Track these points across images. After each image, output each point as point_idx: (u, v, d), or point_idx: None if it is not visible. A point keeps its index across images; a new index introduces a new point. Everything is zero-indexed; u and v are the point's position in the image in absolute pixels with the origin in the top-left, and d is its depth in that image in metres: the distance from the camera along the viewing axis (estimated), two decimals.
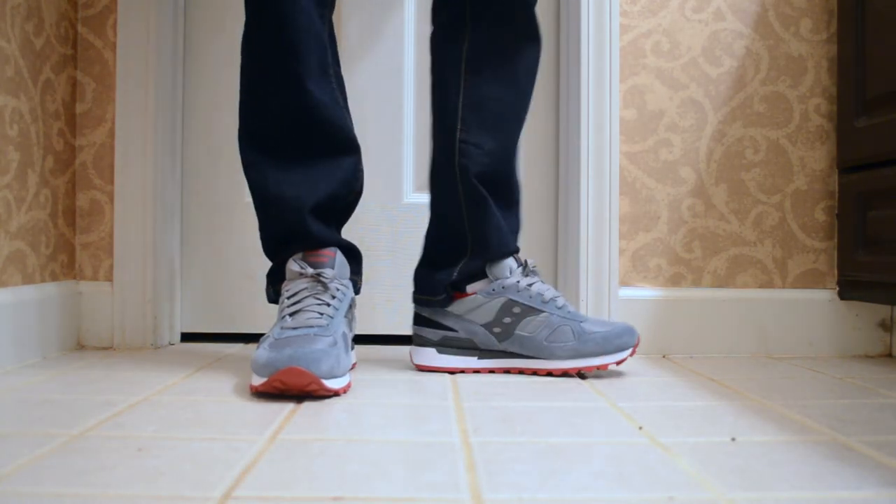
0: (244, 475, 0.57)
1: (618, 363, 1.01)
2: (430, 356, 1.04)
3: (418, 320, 1.06)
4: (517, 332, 1.02)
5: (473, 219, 1.03)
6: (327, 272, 0.95)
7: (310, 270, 0.95)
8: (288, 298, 0.94)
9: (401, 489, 0.55)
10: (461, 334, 1.03)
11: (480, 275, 1.05)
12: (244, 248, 1.31)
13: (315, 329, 0.88)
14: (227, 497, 0.53)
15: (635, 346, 1.01)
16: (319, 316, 0.91)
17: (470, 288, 1.05)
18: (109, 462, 0.60)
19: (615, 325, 1.02)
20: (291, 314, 0.91)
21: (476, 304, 1.03)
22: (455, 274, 1.04)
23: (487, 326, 1.03)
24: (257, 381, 0.83)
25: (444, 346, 1.04)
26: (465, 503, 0.53)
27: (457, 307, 1.04)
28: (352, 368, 1.01)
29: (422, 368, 1.05)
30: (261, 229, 1.01)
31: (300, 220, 0.96)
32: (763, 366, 1.12)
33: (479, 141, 1.02)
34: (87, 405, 0.79)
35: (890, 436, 0.71)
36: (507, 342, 1.02)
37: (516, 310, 1.02)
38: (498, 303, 1.03)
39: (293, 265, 0.96)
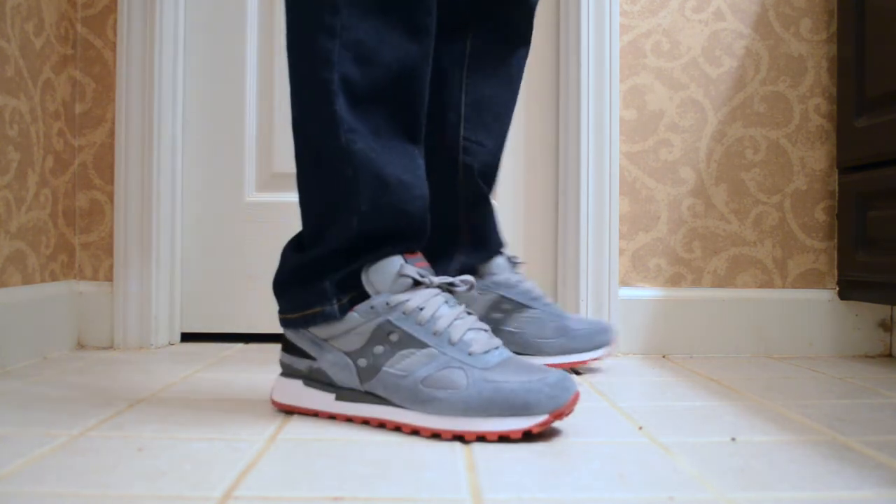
0: (244, 475, 0.57)
1: (597, 359, 1.03)
2: None
3: None
4: (504, 327, 1.03)
5: (474, 216, 1.04)
6: (436, 280, 0.75)
7: (435, 280, 0.75)
8: (433, 313, 0.72)
9: (401, 489, 0.55)
10: None
11: (469, 270, 1.05)
12: (244, 248, 1.31)
13: (503, 348, 0.74)
14: (227, 497, 0.53)
15: (612, 344, 1.04)
16: (487, 330, 0.74)
17: None
18: (109, 462, 0.60)
19: (595, 322, 1.05)
20: (462, 334, 0.72)
21: (463, 301, 1.03)
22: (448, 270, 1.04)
23: None
24: (532, 420, 0.66)
25: None
26: (465, 503, 0.53)
27: None
28: None
29: None
30: (356, 212, 0.73)
31: (423, 211, 0.76)
32: (763, 366, 1.12)
33: (480, 139, 1.03)
34: (87, 405, 0.79)
35: (890, 436, 0.71)
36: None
37: (506, 306, 1.02)
38: (488, 299, 1.03)
39: (408, 269, 0.73)
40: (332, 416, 0.75)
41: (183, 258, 1.31)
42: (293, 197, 1.30)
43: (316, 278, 0.75)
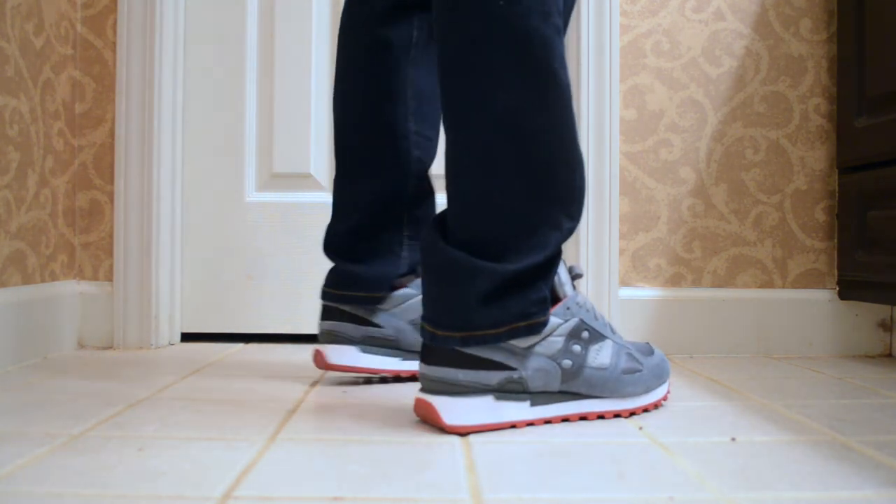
0: (244, 475, 0.57)
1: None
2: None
3: None
4: None
5: (419, 212, 1.00)
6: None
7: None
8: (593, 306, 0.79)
9: (401, 489, 0.55)
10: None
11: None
12: (244, 248, 1.31)
13: None
14: (227, 497, 0.53)
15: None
16: None
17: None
18: (109, 462, 0.60)
19: None
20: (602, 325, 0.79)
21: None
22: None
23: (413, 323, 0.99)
24: (664, 390, 0.82)
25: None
26: (464, 503, 0.53)
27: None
28: None
29: None
30: (577, 217, 0.78)
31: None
32: (763, 366, 1.12)
33: (426, 132, 0.99)
34: (87, 405, 0.79)
35: (890, 436, 0.71)
36: None
37: None
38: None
39: (576, 268, 0.81)
40: (529, 424, 0.73)
41: (183, 258, 1.31)
42: (293, 197, 1.32)
43: (535, 287, 0.72)
